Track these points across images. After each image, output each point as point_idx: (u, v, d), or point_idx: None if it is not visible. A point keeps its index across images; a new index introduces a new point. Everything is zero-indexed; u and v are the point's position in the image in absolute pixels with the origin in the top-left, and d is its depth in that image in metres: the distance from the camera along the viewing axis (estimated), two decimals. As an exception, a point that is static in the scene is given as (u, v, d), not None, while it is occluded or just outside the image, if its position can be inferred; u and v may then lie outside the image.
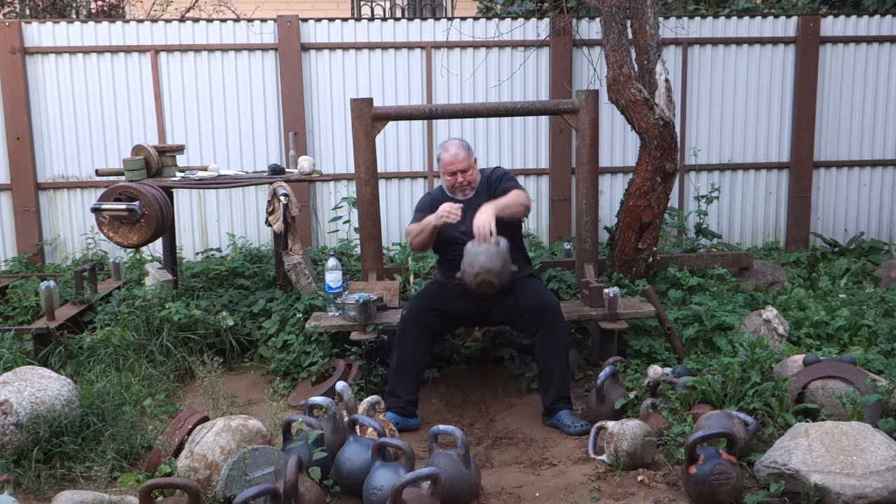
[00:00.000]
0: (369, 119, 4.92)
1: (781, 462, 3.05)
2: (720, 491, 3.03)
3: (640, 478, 3.34)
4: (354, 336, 4.34)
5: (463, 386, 4.46)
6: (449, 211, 3.93)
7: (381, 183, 6.62)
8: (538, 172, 7.22)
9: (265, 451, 3.12)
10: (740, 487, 3.09)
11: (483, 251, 3.77)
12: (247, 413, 3.99)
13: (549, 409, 3.98)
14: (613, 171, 7.25)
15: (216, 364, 4.05)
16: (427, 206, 4.19)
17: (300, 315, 4.80)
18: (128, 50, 6.83)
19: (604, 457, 3.49)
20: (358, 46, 6.97)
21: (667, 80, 5.14)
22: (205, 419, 3.49)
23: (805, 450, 3.04)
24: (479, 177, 4.20)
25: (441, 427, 3.29)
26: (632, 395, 3.95)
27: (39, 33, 6.77)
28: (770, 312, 4.55)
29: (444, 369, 4.63)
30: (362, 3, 11.59)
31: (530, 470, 3.51)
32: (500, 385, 4.44)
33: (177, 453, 3.31)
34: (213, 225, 7.12)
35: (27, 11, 9.40)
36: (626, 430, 3.43)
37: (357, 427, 3.38)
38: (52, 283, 4.78)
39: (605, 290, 4.47)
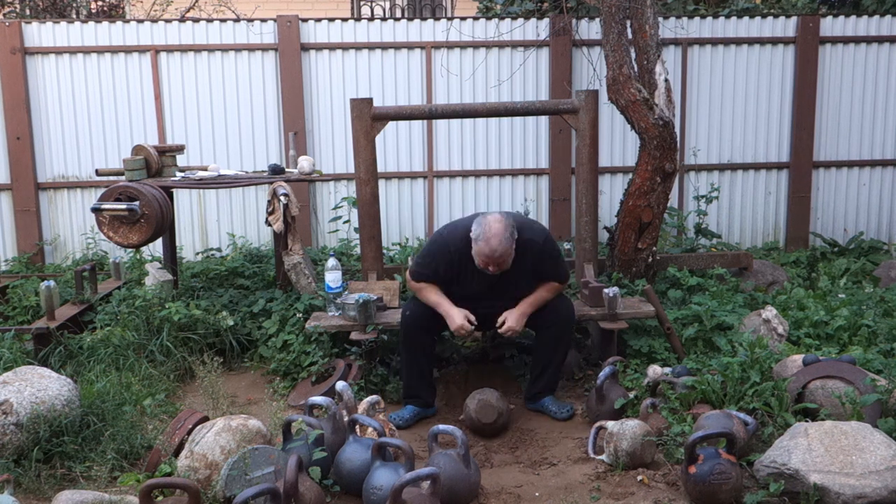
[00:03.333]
0: (369, 119, 4.92)
1: (781, 462, 3.05)
2: (720, 491, 3.04)
3: (639, 477, 3.34)
4: (354, 336, 4.34)
5: (463, 386, 4.46)
6: (463, 332, 3.96)
7: (381, 183, 6.62)
8: (538, 172, 7.22)
9: (265, 450, 3.12)
10: (740, 487, 3.09)
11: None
12: (247, 413, 3.99)
13: (533, 394, 4.16)
14: (613, 171, 7.26)
15: (216, 364, 4.05)
16: (442, 264, 3.94)
17: (300, 315, 4.80)
18: (128, 50, 6.83)
19: (603, 456, 3.50)
20: (358, 46, 6.98)
21: (666, 80, 5.14)
22: (205, 419, 3.49)
23: (804, 449, 3.05)
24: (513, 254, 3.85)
25: (441, 427, 3.29)
26: (631, 394, 3.95)
27: (39, 33, 6.77)
28: (770, 312, 4.55)
29: (444, 369, 4.63)
30: (362, 3, 11.59)
31: (530, 470, 3.52)
32: (500, 385, 4.43)
33: (177, 453, 3.31)
34: (213, 225, 7.13)
35: (27, 11, 9.41)
36: (625, 430, 3.43)
37: (357, 427, 3.38)
38: (52, 283, 4.78)
39: (605, 290, 4.47)
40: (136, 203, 4.70)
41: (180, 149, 5.64)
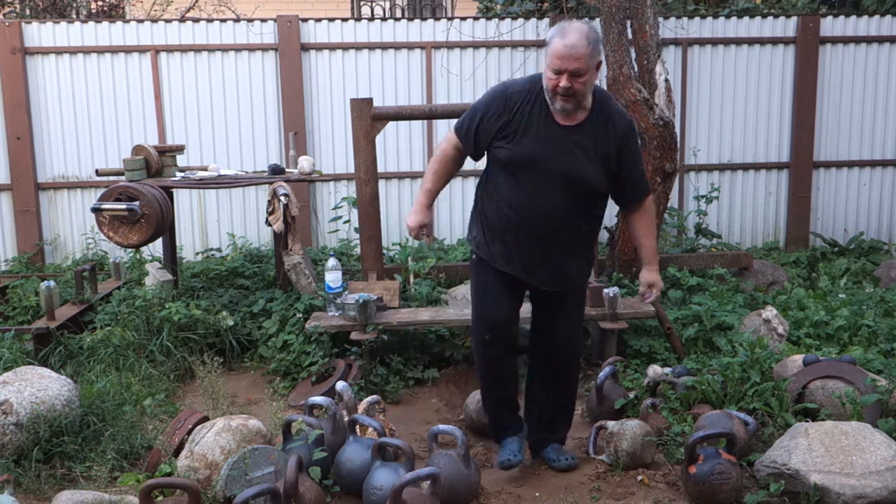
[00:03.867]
0: (369, 119, 4.92)
1: (781, 462, 3.05)
2: (720, 491, 3.03)
3: (639, 478, 3.34)
4: (354, 336, 4.34)
5: (463, 386, 4.46)
6: (417, 233, 3.22)
7: (381, 183, 6.62)
8: (538, 172, 7.21)
9: (265, 451, 3.12)
10: (740, 487, 3.09)
11: None
12: (247, 413, 3.98)
13: (532, 444, 3.52)
14: (613, 171, 7.24)
15: (216, 364, 4.05)
16: (494, 108, 3.06)
17: (300, 315, 4.80)
18: (128, 50, 6.83)
19: (604, 457, 3.49)
20: (358, 46, 6.98)
21: (666, 81, 5.15)
22: (205, 419, 3.49)
23: (805, 450, 3.05)
24: (590, 93, 3.01)
25: (441, 427, 3.29)
26: (632, 395, 3.95)
27: (39, 33, 6.77)
28: (770, 312, 4.55)
29: (444, 369, 4.63)
30: (362, 3, 11.59)
31: (530, 470, 3.51)
32: (499, 385, 4.44)
33: (177, 453, 3.31)
34: (213, 225, 7.12)
35: (27, 11, 9.41)
36: (625, 430, 3.43)
37: (357, 427, 3.38)
38: (52, 283, 4.78)
39: (605, 290, 4.47)
40: (136, 203, 4.70)
41: (180, 149, 5.63)
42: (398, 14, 11.42)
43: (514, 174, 3.08)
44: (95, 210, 4.73)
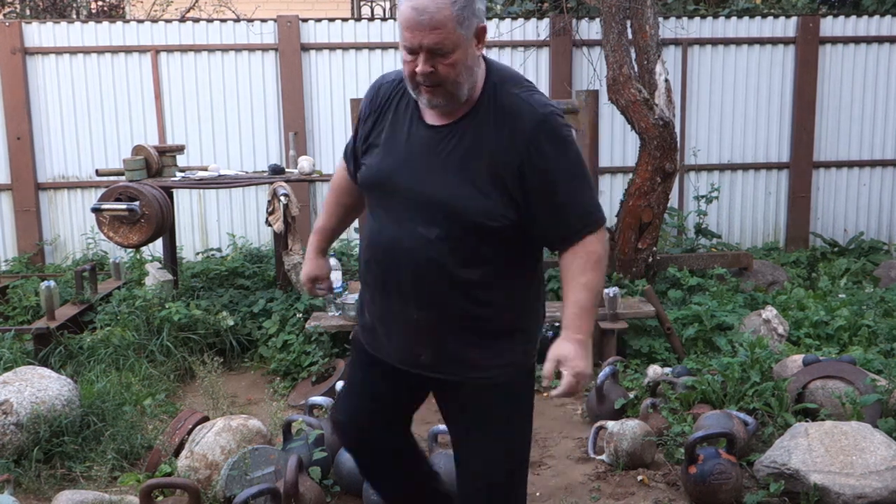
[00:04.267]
0: (369, 119, 4.91)
1: (781, 462, 3.06)
2: (720, 491, 3.03)
3: (639, 478, 3.34)
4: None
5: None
6: (311, 289, 2.47)
7: (381, 183, 6.61)
8: (538, 172, 7.21)
9: (265, 451, 3.12)
10: (740, 487, 3.09)
11: None
12: (247, 413, 3.98)
13: None
14: (613, 171, 7.25)
15: (216, 364, 4.05)
16: (366, 103, 2.26)
17: (300, 315, 4.80)
18: (128, 50, 6.83)
19: (604, 457, 3.50)
20: (358, 46, 6.97)
21: (666, 81, 5.15)
22: (205, 419, 3.49)
23: (805, 450, 3.05)
24: (474, 77, 2.08)
25: (441, 427, 3.28)
26: (632, 395, 3.95)
27: (39, 33, 6.77)
28: (770, 312, 4.55)
29: (444, 369, 4.63)
30: (362, 3, 11.59)
31: (530, 470, 3.51)
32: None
33: (177, 453, 3.31)
34: (213, 225, 7.12)
35: (27, 11, 9.41)
36: (625, 430, 3.43)
37: (357, 427, 3.38)
38: (52, 283, 4.77)
39: (605, 290, 4.47)
40: (137, 203, 4.70)
41: (180, 149, 5.64)
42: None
43: (376, 204, 2.13)
44: (95, 210, 4.73)
